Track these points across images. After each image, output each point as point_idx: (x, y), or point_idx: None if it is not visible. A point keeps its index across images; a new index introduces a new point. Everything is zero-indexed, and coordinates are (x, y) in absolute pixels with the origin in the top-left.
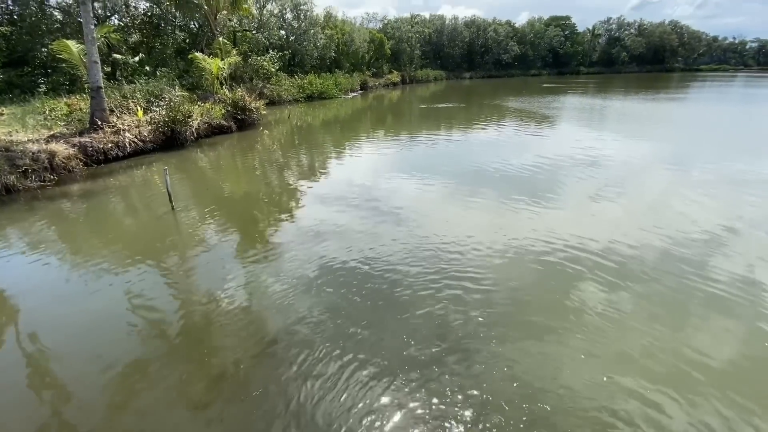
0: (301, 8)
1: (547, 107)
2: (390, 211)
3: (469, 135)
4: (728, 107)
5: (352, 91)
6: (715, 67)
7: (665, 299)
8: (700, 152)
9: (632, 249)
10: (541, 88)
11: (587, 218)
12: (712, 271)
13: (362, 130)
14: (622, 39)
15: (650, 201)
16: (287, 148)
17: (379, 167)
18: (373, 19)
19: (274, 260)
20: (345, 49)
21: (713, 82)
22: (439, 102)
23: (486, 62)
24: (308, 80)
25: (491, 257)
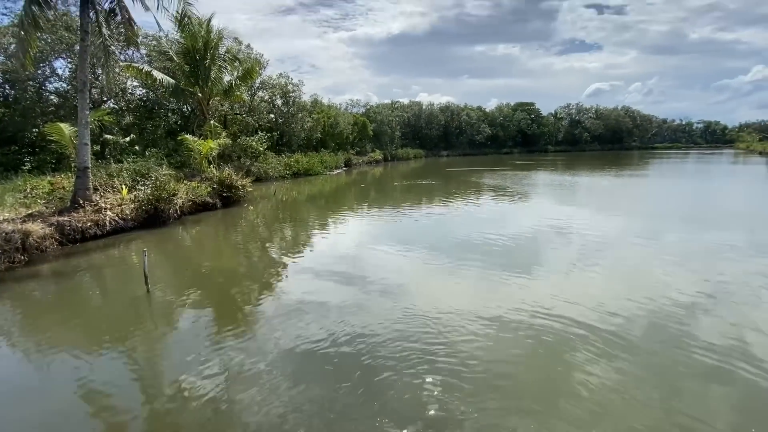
0: (290, 95)
1: (521, 183)
2: (374, 285)
3: (450, 208)
4: (687, 182)
5: (337, 168)
6: (669, 146)
7: (653, 370)
8: (666, 224)
9: (615, 319)
10: (513, 165)
11: (568, 289)
12: (693, 339)
13: (346, 204)
14: (582, 122)
15: (625, 270)
16: (271, 223)
17: (364, 240)
18: (356, 104)
19: (253, 342)
20: (330, 131)
21: (669, 159)
22: (420, 178)
23: (461, 142)
24: (295, 159)
25: (478, 333)
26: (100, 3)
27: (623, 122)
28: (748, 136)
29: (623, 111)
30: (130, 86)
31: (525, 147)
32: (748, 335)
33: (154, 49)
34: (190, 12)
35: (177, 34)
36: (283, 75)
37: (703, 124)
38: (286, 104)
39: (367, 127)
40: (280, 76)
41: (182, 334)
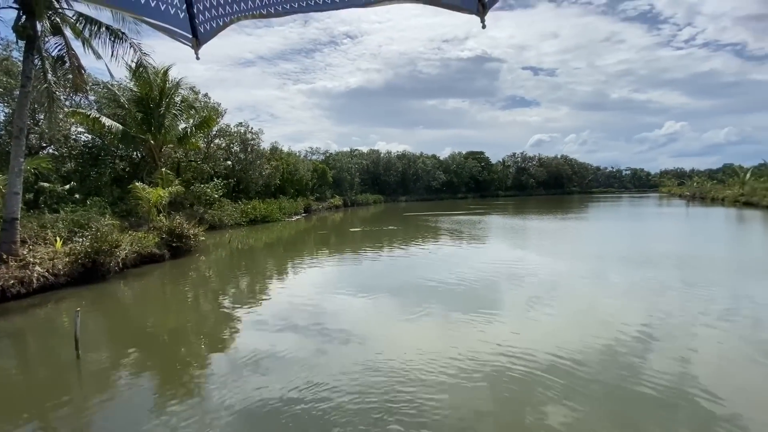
0: (249, 143)
1: (476, 227)
2: (335, 334)
3: (410, 253)
4: (622, 224)
5: (296, 214)
6: (604, 190)
7: (608, 405)
8: (607, 264)
9: (570, 357)
10: (468, 209)
11: (526, 329)
12: (642, 371)
13: (305, 250)
14: (528, 169)
15: (576, 309)
16: (225, 273)
17: (323, 287)
18: (316, 152)
19: (201, 406)
20: (290, 177)
21: (605, 202)
22: (379, 223)
23: (419, 187)
24: (252, 205)
25: (441, 381)
26: (47, 50)
27: (563, 169)
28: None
29: (562, 159)
30: (75, 132)
31: (478, 192)
32: (690, 364)
33: (105, 95)
34: (145, 62)
35: (130, 82)
36: (242, 124)
37: (630, 171)
38: (244, 151)
39: (327, 173)
40: (239, 125)
41: (118, 403)
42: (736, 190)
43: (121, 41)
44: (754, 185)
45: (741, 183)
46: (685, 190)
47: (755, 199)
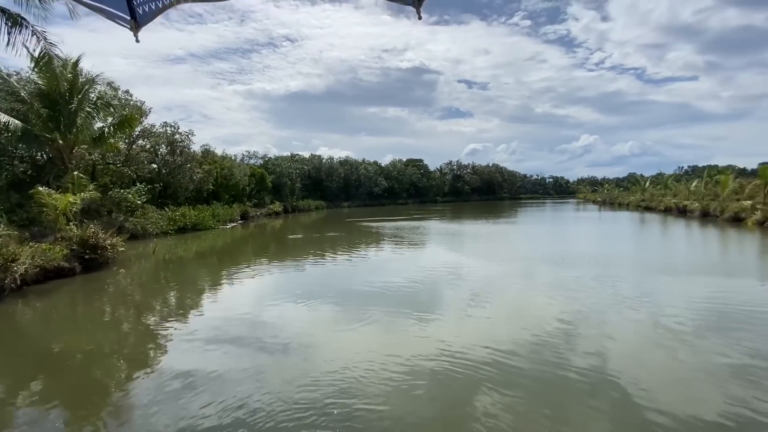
0: (177, 144)
1: (416, 232)
2: (273, 346)
3: (352, 259)
4: (547, 227)
5: (232, 222)
6: (531, 196)
7: (541, 393)
8: (535, 264)
9: (506, 351)
10: (409, 214)
11: (465, 328)
12: (569, 361)
13: (242, 259)
14: (463, 176)
15: (510, 307)
16: (149, 287)
17: (261, 297)
18: (254, 156)
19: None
20: (224, 182)
21: (531, 207)
22: (321, 229)
23: (361, 193)
24: (181, 212)
25: (386, 385)
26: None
27: (495, 177)
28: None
29: (494, 167)
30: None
31: (417, 198)
32: (607, 349)
33: (1, 88)
34: (51, 52)
35: (32, 73)
36: (169, 124)
37: (552, 179)
38: (172, 154)
39: (266, 178)
40: (166, 125)
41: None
42: (638, 197)
43: (21, 28)
44: (652, 192)
45: (642, 190)
46: (597, 197)
47: (653, 204)
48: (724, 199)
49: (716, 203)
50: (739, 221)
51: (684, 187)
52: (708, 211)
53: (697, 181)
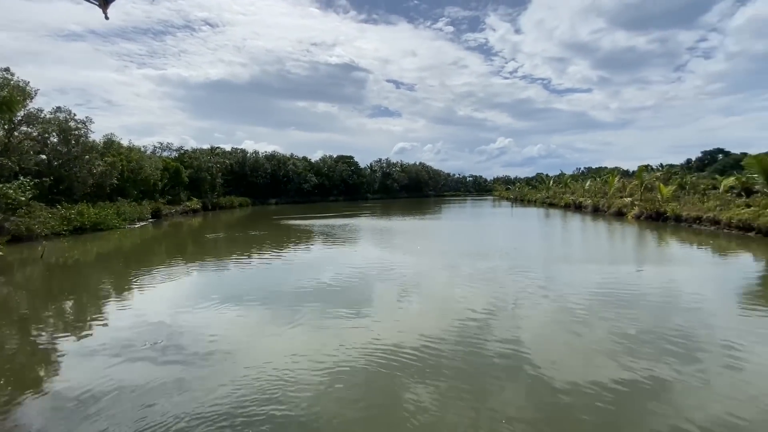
0: (72, 133)
1: (347, 229)
2: (193, 355)
3: (281, 257)
4: (467, 222)
5: (141, 220)
6: (453, 194)
7: (465, 379)
8: (458, 258)
9: (433, 341)
10: (340, 211)
11: (394, 321)
12: (489, 345)
13: (155, 261)
14: (392, 174)
15: (436, 298)
16: (38, 297)
17: (179, 302)
18: (167, 148)
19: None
20: (132, 177)
21: (454, 203)
22: (246, 227)
23: (290, 190)
24: (78, 210)
25: (320, 382)
26: None
27: (421, 175)
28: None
29: (420, 166)
30: None
31: (348, 195)
32: (521, 331)
33: None
34: None
35: None
36: (62, 109)
37: (472, 178)
38: (66, 143)
39: (182, 173)
40: (58, 111)
41: None
42: (543, 194)
43: None
44: (555, 190)
45: (547, 188)
46: (510, 194)
47: (556, 201)
48: (611, 196)
49: (605, 200)
50: (622, 215)
51: (580, 186)
52: (598, 206)
53: (590, 180)
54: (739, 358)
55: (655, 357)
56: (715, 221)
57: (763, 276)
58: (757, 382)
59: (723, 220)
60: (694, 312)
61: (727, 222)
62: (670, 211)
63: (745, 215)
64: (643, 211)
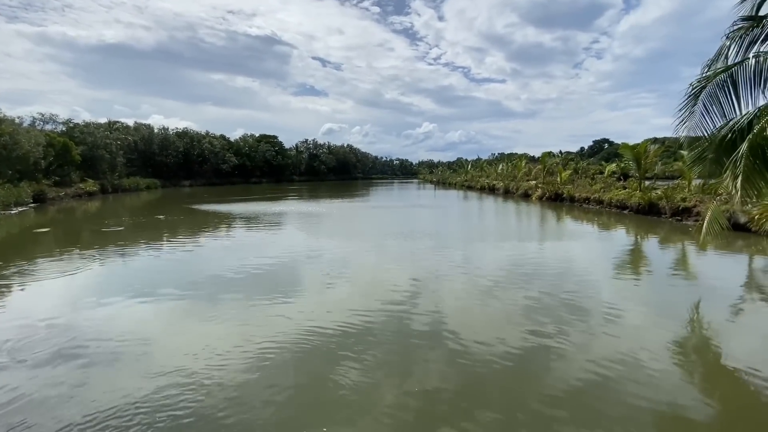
0: None
1: (271, 212)
2: (99, 353)
3: (199, 243)
4: (394, 203)
5: (19, 205)
6: (381, 177)
7: (392, 354)
8: (383, 239)
9: (361, 319)
10: (263, 193)
11: (323, 301)
12: (411, 321)
13: (42, 253)
14: (319, 156)
15: (363, 278)
16: None
17: (77, 298)
18: (51, 120)
19: None
20: (5, 153)
21: (381, 186)
22: (155, 213)
23: (205, 171)
24: None
25: (246, 371)
26: None
27: (349, 157)
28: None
29: (348, 148)
30: None
31: (272, 177)
32: (443, 303)
33: None
34: None
35: None
36: None
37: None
38: None
39: (71, 149)
40: None
41: None
42: (462, 178)
43: None
44: (473, 174)
45: (465, 172)
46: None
47: (473, 183)
48: (519, 179)
49: (514, 183)
50: (528, 197)
51: (494, 170)
52: (509, 189)
53: (502, 165)
54: (614, 315)
55: (552, 318)
56: (599, 201)
57: (631, 248)
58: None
59: (605, 200)
60: (582, 279)
61: (608, 202)
62: (566, 193)
63: (621, 196)
64: (545, 192)
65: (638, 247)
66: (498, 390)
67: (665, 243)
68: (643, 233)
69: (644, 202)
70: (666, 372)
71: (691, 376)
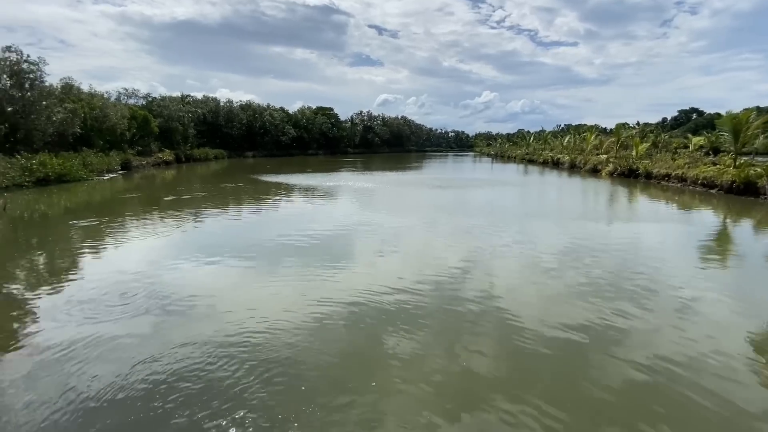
0: (25, 76)
1: (326, 184)
2: (179, 306)
3: (261, 211)
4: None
5: (110, 172)
6: (435, 149)
7: (442, 328)
8: (437, 213)
9: (413, 292)
10: (319, 165)
11: (376, 273)
12: (464, 297)
13: (128, 214)
14: (373, 128)
15: (416, 252)
16: (4, 251)
17: (158, 255)
18: (133, 95)
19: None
20: (96, 125)
21: (436, 159)
22: (225, 180)
23: (267, 142)
24: (39, 160)
25: (303, 330)
26: None
27: (403, 129)
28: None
29: (403, 120)
30: None
31: (328, 149)
32: (496, 284)
33: None
34: None
35: None
36: (12, 49)
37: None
38: (20, 87)
39: (151, 122)
40: (8, 50)
41: None
42: (523, 151)
43: None
44: (535, 147)
45: (527, 145)
46: (490, 150)
47: (535, 157)
48: (587, 153)
49: (581, 157)
50: (597, 172)
51: (559, 142)
52: (575, 163)
53: (568, 137)
54: (689, 308)
55: (616, 306)
56: (682, 178)
57: (718, 232)
58: (700, 330)
59: (690, 177)
60: (656, 265)
61: (693, 179)
62: (642, 168)
63: (710, 173)
64: (617, 167)
65: (727, 231)
66: (548, 376)
67: (763, 227)
68: (735, 215)
69: (740, 180)
70: (741, 382)
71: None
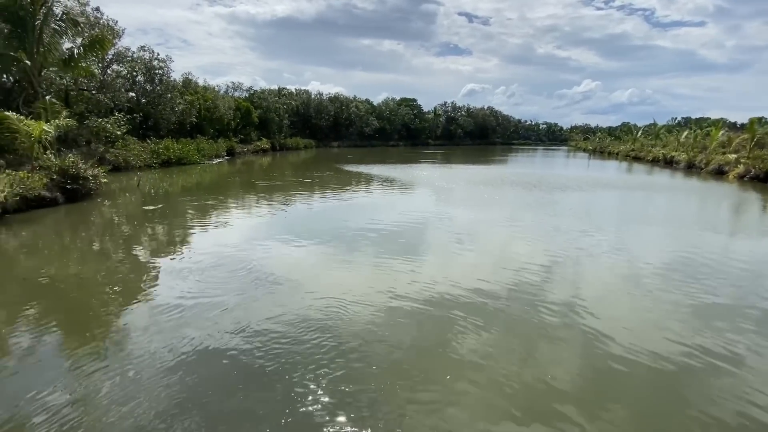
0: (155, 72)
1: (407, 175)
2: (266, 280)
3: (342, 199)
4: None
5: (218, 157)
6: (522, 143)
7: (516, 332)
8: (518, 211)
9: (487, 292)
10: (400, 157)
11: (450, 268)
12: (542, 302)
13: (231, 195)
14: (457, 119)
15: (492, 249)
16: (136, 219)
17: (254, 234)
18: (238, 88)
19: (119, 357)
20: (208, 115)
21: (522, 154)
22: (312, 168)
23: (351, 133)
24: (165, 145)
25: (376, 316)
26: None
27: (488, 121)
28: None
29: (488, 111)
30: None
31: (409, 140)
32: (583, 294)
33: None
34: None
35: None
36: (146, 48)
37: (546, 126)
38: (151, 82)
39: (252, 113)
40: (142, 50)
41: (27, 365)
42: (628, 146)
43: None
44: (643, 142)
45: (633, 140)
46: (588, 145)
47: (642, 154)
48: (711, 151)
49: (703, 155)
50: (722, 174)
51: (674, 138)
52: (693, 162)
53: (687, 132)
54: None
55: (725, 334)
56: None
57: None
58: None
59: None
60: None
61: None
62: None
63: None
64: (749, 169)
65: None
66: (630, 400)
67: None
68: None
69: None
70: None
71: None
